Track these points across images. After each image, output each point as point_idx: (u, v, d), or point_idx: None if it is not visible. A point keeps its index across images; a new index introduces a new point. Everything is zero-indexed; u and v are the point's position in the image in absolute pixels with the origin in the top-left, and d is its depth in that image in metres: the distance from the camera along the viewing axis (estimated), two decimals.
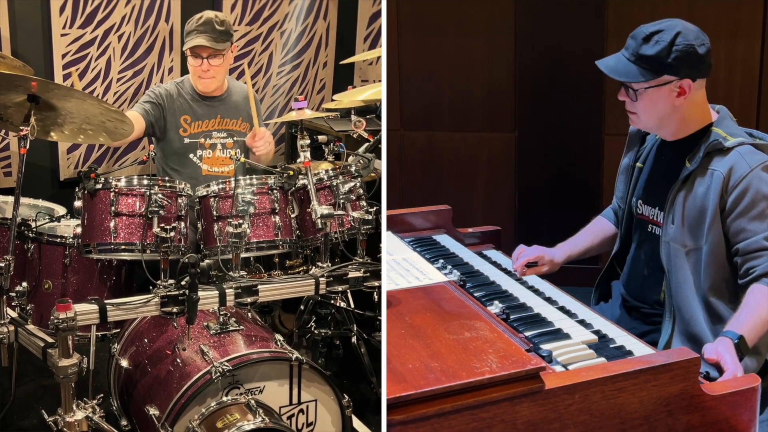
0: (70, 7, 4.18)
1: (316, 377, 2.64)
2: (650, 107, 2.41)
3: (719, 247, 2.35)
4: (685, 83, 2.35)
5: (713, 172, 2.33)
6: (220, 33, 3.54)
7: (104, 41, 4.33)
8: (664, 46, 2.32)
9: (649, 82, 2.36)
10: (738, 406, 2.00)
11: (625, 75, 2.38)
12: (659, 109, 2.40)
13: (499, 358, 1.86)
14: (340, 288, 2.82)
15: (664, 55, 2.32)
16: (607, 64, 2.42)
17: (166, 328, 2.82)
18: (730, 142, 2.34)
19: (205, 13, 3.58)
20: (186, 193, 2.84)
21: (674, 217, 2.41)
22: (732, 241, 2.34)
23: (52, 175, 4.40)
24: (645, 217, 2.59)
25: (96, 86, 4.36)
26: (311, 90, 5.14)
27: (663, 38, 2.33)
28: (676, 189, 2.41)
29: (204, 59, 3.57)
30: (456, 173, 5.16)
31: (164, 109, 3.66)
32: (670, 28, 2.35)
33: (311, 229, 2.94)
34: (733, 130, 2.41)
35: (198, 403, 2.44)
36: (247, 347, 2.63)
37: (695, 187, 2.37)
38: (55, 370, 2.34)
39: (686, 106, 2.40)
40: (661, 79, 2.35)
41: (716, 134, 2.38)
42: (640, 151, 2.67)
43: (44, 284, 3.02)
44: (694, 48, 2.32)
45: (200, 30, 3.53)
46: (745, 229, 2.30)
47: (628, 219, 2.69)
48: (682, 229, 2.39)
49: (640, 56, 2.35)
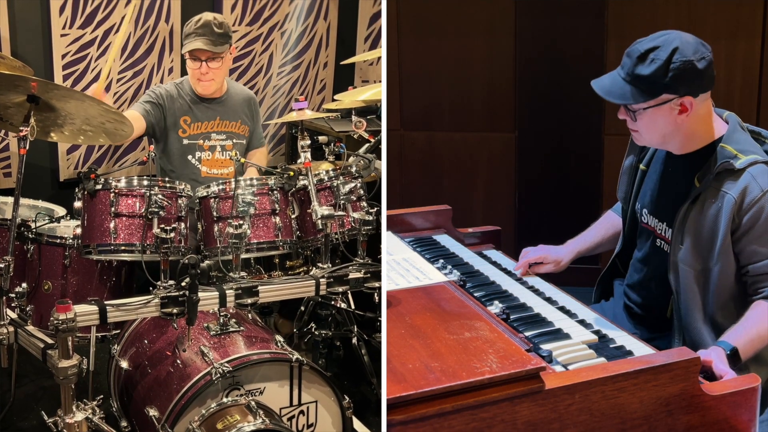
0: (69, 7, 4.19)
1: (316, 378, 2.64)
2: (651, 126, 2.33)
3: (729, 268, 2.31)
4: (687, 101, 2.26)
5: (725, 195, 2.26)
6: (219, 36, 3.54)
7: (104, 42, 4.33)
8: (660, 64, 2.21)
9: (648, 102, 2.28)
10: (738, 406, 2.01)
11: (621, 97, 2.29)
12: (661, 127, 2.32)
13: (499, 358, 1.87)
14: (340, 289, 2.82)
15: (661, 74, 2.21)
16: (602, 85, 2.33)
17: (166, 329, 2.82)
18: (741, 162, 2.25)
19: (204, 15, 3.57)
20: (186, 194, 2.85)
21: (683, 238, 2.35)
22: (742, 262, 2.31)
23: (52, 176, 4.40)
24: (651, 228, 2.55)
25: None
26: (312, 90, 5.14)
27: (659, 56, 2.22)
28: (686, 209, 2.34)
29: (202, 62, 3.57)
30: (456, 173, 5.17)
31: (164, 110, 3.66)
32: (666, 43, 2.23)
33: (312, 230, 2.95)
34: (744, 145, 2.32)
35: (198, 404, 2.45)
36: (248, 348, 2.63)
37: (705, 209, 2.30)
38: (55, 372, 2.34)
39: (690, 121, 2.31)
40: (660, 99, 2.26)
41: (726, 153, 2.29)
42: (644, 152, 2.63)
43: (44, 285, 3.02)
44: (692, 64, 2.21)
45: (198, 33, 3.53)
46: (757, 252, 2.27)
47: (632, 222, 2.67)
48: (693, 250, 2.33)
49: (635, 76, 2.25)
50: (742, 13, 4.58)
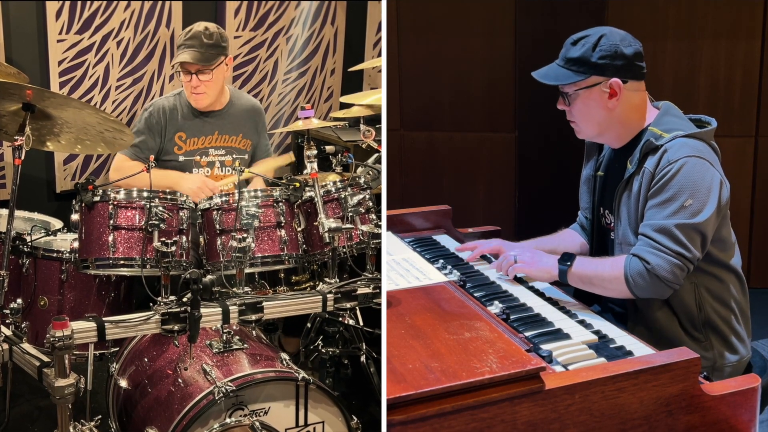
0: (66, 11, 4.21)
1: (323, 398, 2.64)
2: (585, 112, 2.58)
3: None
4: (615, 83, 2.51)
5: (645, 170, 2.48)
6: (209, 47, 3.53)
7: (102, 47, 4.36)
8: (589, 47, 2.50)
9: (578, 84, 2.54)
10: (738, 406, 2.08)
11: (554, 78, 2.58)
12: (594, 113, 2.57)
13: (499, 358, 1.94)
14: (348, 305, 2.82)
15: (589, 55, 2.50)
16: (540, 73, 2.62)
17: (167, 346, 2.82)
18: (663, 139, 2.47)
19: (195, 26, 3.57)
20: (188, 206, 2.84)
21: (620, 219, 2.59)
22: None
23: (48, 187, 4.42)
24: (609, 225, 2.73)
25: (94, 94, 4.38)
26: (318, 98, 5.16)
27: (588, 41, 2.52)
28: (620, 191, 2.58)
29: (192, 75, 3.56)
30: (456, 173, 5.26)
31: (163, 128, 3.65)
32: (595, 32, 2.53)
33: (318, 243, 2.95)
34: (670, 125, 2.52)
35: (200, 425, 2.45)
36: (252, 366, 2.63)
37: (632, 188, 2.53)
38: (51, 391, 2.35)
39: (622, 109, 2.55)
40: (590, 81, 2.53)
41: (651, 133, 2.52)
42: (599, 160, 2.81)
43: (40, 301, 3.03)
44: (618, 48, 2.49)
45: (187, 45, 3.53)
46: (652, 216, 2.44)
47: (599, 230, 2.81)
48: (627, 229, 2.56)
49: (567, 59, 2.55)
50: (742, 13, 4.74)
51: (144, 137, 3.64)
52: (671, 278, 2.37)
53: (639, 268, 2.39)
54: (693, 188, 2.38)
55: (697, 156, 2.40)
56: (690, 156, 2.40)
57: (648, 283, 2.39)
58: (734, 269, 2.58)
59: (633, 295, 2.44)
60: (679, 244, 2.36)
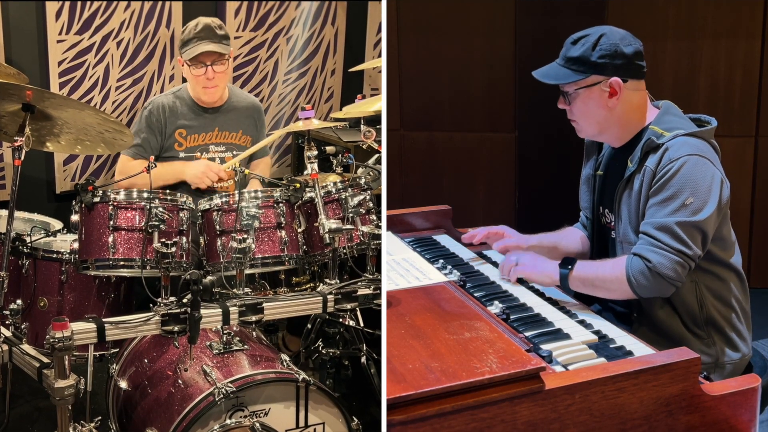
0: (66, 11, 4.21)
1: (323, 399, 2.65)
2: (585, 111, 2.60)
3: None
4: (615, 83, 2.52)
5: (646, 168, 2.49)
6: (222, 37, 3.57)
7: (102, 48, 4.36)
8: (589, 46, 2.52)
9: (578, 83, 2.56)
10: (738, 406, 2.09)
11: (555, 77, 2.60)
12: (594, 112, 2.59)
13: (499, 358, 1.94)
14: (348, 306, 2.82)
15: (589, 54, 2.52)
16: (540, 72, 2.64)
17: (167, 347, 2.83)
18: (664, 138, 2.48)
19: (200, 20, 3.58)
20: (188, 207, 2.85)
21: (620, 218, 2.61)
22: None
23: (48, 188, 4.42)
24: (610, 225, 2.73)
25: (94, 95, 4.39)
26: (319, 99, 5.16)
27: (588, 40, 2.53)
28: (621, 190, 2.60)
29: (208, 67, 3.58)
30: (456, 173, 5.28)
31: (163, 126, 3.67)
32: (595, 32, 2.55)
33: (319, 244, 2.95)
34: (672, 124, 2.53)
35: (200, 426, 2.45)
36: (252, 368, 2.64)
37: (633, 186, 2.54)
38: (51, 392, 2.35)
39: (622, 108, 2.57)
40: (590, 80, 2.55)
41: (652, 132, 2.53)
42: (599, 159, 2.82)
43: (39, 302, 3.03)
44: (618, 47, 2.51)
45: (201, 36, 3.54)
46: (653, 214, 2.45)
47: (599, 230, 2.82)
48: (628, 227, 2.57)
49: (568, 59, 2.57)
50: (742, 13, 4.76)
51: (145, 135, 3.66)
52: (673, 276, 2.38)
53: (641, 267, 2.40)
54: (694, 186, 2.38)
55: (698, 155, 2.41)
56: (691, 154, 2.40)
57: (650, 282, 2.39)
58: (735, 268, 2.59)
59: (636, 295, 2.44)
60: (680, 242, 2.37)
